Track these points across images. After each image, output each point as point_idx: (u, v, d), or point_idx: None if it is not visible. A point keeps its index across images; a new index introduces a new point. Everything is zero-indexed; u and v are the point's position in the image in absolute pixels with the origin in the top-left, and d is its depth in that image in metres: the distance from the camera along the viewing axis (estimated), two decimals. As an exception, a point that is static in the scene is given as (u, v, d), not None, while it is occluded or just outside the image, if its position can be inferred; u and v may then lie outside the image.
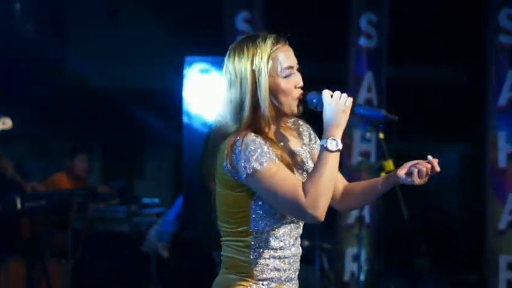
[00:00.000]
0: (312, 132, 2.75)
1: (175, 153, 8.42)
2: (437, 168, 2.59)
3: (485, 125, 6.79)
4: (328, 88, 2.59)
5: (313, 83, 2.69)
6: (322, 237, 5.80)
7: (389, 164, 5.48)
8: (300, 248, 2.63)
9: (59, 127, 9.03)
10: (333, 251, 6.66)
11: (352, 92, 6.87)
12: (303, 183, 2.44)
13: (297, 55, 2.62)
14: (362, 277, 6.16)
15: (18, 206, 5.32)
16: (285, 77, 2.54)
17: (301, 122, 2.75)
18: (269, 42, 2.54)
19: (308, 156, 2.67)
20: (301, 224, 2.62)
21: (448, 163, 9.95)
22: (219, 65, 2.75)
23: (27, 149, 9.56)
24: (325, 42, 7.33)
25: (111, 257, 6.31)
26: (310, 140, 2.74)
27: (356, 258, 6.50)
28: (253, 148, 2.44)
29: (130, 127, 8.77)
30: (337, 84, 2.63)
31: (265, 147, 2.46)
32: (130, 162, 10.02)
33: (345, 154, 6.94)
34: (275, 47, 2.54)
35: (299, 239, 2.62)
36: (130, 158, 10.04)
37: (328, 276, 6.22)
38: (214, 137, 2.60)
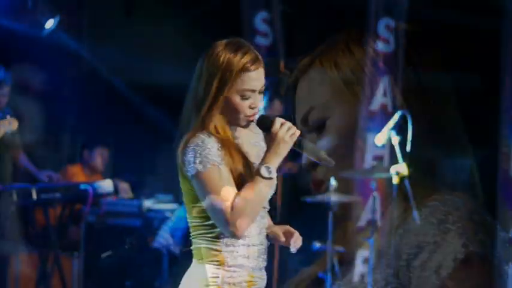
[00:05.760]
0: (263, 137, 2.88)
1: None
2: (292, 250, 2.86)
3: (499, 133, 6.78)
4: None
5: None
6: (334, 240, 5.81)
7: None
8: (266, 240, 2.81)
9: (72, 120, 9.06)
10: (344, 253, 6.67)
11: (367, 96, 6.89)
12: (232, 200, 2.58)
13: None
14: (371, 279, 6.16)
15: (34, 197, 5.36)
16: (242, 97, 2.68)
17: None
18: (245, 60, 2.68)
19: (264, 150, 2.77)
20: (265, 215, 2.81)
21: (460, 170, 9.95)
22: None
23: (39, 141, 9.59)
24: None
25: (123, 251, 6.34)
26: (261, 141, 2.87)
27: (366, 261, 6.51)
28: (201, 149, 2.61)
29: (144, 122, 8.79)
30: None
31: (214, 149, 2.63)
32: (143, 157, 10.04)
33: (358, 158, 6.95)
34: (246, 67, 2.68)
35: (264, 230, 2.79)
36: (143, 154, 10.06)
37: (339, 279, 6.23)
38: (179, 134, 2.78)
